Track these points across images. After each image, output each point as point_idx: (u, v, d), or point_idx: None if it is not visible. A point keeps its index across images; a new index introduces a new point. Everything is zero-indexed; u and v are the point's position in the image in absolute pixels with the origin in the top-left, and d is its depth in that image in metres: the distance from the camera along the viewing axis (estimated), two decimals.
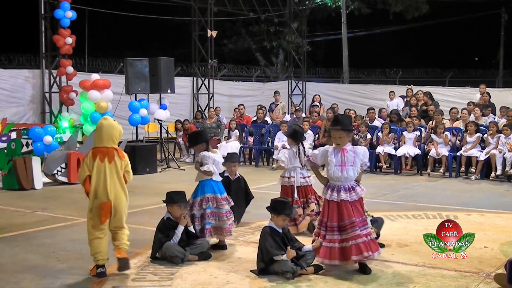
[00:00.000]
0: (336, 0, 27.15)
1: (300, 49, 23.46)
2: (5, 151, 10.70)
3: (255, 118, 15.56)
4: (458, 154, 11.91)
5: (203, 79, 19.62)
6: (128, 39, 28.17)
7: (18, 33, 24.62)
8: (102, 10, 19.71)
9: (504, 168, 11.25)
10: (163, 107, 13.93)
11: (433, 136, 12.33)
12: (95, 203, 5.36)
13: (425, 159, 12.48)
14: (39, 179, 10.73)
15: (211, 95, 19.33)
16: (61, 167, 11.01)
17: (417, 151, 12.34)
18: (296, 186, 7.07)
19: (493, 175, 11.33)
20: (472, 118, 12.92)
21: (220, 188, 6.45)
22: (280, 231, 5.56)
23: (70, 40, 15.11)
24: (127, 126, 14.00)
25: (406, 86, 17.87)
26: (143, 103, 13.44)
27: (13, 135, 11.65)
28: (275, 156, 12.84)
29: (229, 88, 21.23)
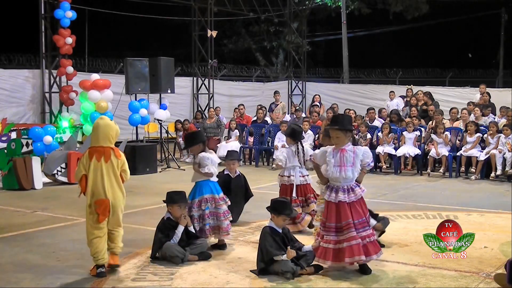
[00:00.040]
0: (336, 0, 27.15)
1: (300, 49, 23.45)
2: (5, 151, 10.70)
3: (255, 118, 15.56)
4: (458, 154, 11.91)
5: (203, 79, 19.62)
6: (128, 39, 28.15)
7: (18, 33, 24.60)
8: (102, 10, 19.71)
9: (504, 168, 11.25)
10: (163, 107, 13.93)
11: (433, 136, 12.33)
12: (93, 201, 5.39)
13: (425, 159, 12.48)
14: (39, 179, 10.73)
15: (211, 95, 19.33)
16: (61, 167, 11.01)
17: (417, 151, 12.34)
18: (296, 185, 7.10)
19: (493, 175, 11.33)
20: (472, 118, 12.92)
21: (217, 188, 6.48)
22: (280, 231, 5.57)
23: (70, 40, 15.11)
24: (127, 126, 14.03)
25: (406, 86, 17.87)
26: (143, 103, 13.43)
27: (13, 135, 11.65)
28: (275, 156, 12.85)
29: (229, 88, 21.23)
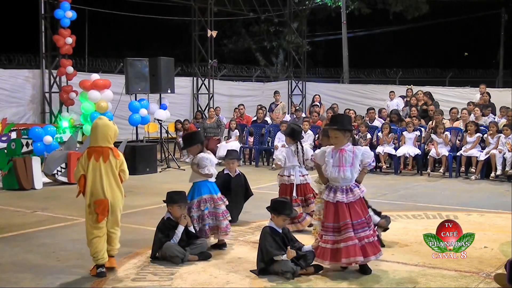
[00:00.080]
0: (336, 0, 27.15)
1: (300, 49, 23.45)
2: (5, 151, 10.70)
3: (255, 118, 15.56)
4: (458, 154, 11.91)
5: (203, 79, 19.62)
6: (128, 39, 28.16)
7: (18, 33, 24.61)
8: (102, 10, 19.71)
9: (504, 168, 11.25)
10: (163, 107, 13.93)
11: (433, 136, 12.33)
12: (92, 201, 5.39)
13: (425, 159, 12.48)
14: (39, 179, 10.73)
15: (211, 95, 19.33)
16: (61, 167, 11.01)
17: (417, 151, 12.34)
18: (296, 184, 7.11)
19: (493, 175, 11.33)
20: (472, 118, 12.92)
21: (215, 189, 6.50)
22: (280, 231, 5.57)
23: (70, 40, 15.11)
24: (127, 126, 14.04)
25: (406, 86, 17.87)
26: (143, 103, 13.43)
27: (13, 135, 11.65)
28: (274, 156, 12.85)
29: (229, 88, 21.23)
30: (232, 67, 24.30)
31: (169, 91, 13.68)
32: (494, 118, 13.26)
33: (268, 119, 15.96)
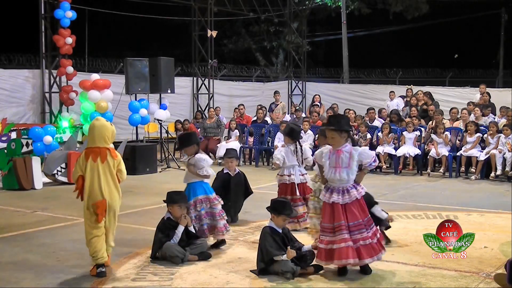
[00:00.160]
0: (336, 0, 27.15)
1: (300, 49, 23.45)
2: (5, 151, 10.70)
3: (255, 118, 15.56)
4: (458, 154, 11.91)
5: (203, 79, 19.62)
6: (128, 39, 28.14)
7: (18, 33, 24.59)
8: (102, 10, 19.71)
9: (504, 168, 11.25)
10: (163, 107, 13.93)
11: (433, 136, 12.33)
12: (90, 202, 5.41)
13: (425, 159, 12.48)
14: (39, 179, 10.73)
15: (211, 95, 19.33)
16: (61, 167, 11.01)
17: (417, 151, 12.34)
18: (297, 184, 7.12)
19: (493, 175, 11.33)
20: (472, 118, 12.92)
21: (209, 189, 6.55)
22: (280, 231, 5.57)
23: (70, 40, 15.10)
24: (127, 126, 14.04)
25: (406, 86, 17.87)
26: (143, 103, 13.43)
27: (13, 135, 11.65)
28: (273, 155, 12.85)
29: (229, 88, 21.23)
30: (232, 67, 24.30)
31: (169, 91, 13.68)
32: (494, 118, 13.26)
33: (268, 119, 15.96)
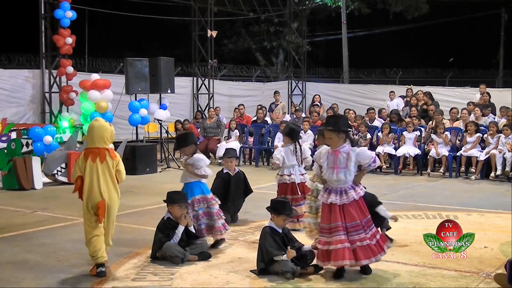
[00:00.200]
0: (336, 0, 27.15)
1: (300, 49, 23.44)
2: (5, 151, 10.70)
3: (255, 118, 15.56)
4: (458, 154, 11.91)
5: (203, 79, 19.61)
6: (128, 39, 28.14)
7: (18, 33, 24.59)
8: (102, 10, 19.71)
9: (504, 168, 11.25)
10: (163, 107, 13.93)
11: (433, 136, 12.33)
12: (90, 202, 5.43)
13: (425, 159, 12.48)
14: (39, 179, 10.73)
15: (211, 95, 19.32)
16: (61, 167, 11.01)
17: (417, 151, 12.33)
18: (297, 183, 7.14)
19: (493, 175, 11.33)
20: (472, 118, 12.92)
21: (206, 189, 6.56)
22: (280, 231, 5.57)
23: (70, 40, 15.09)
24: (127, 126, 14.04)
25: (406, 86, 17.87)
26: (143, 103, 13.44)
27: (13, 135, 11.64)
28: (273, 155, 12.85)
29: (229, 88, 21.23)
30: (232, 67, 24.29)
31: (169, 91, 13.68)
32: (494, 118, 13.26)
33: (268, 119, 15.96)
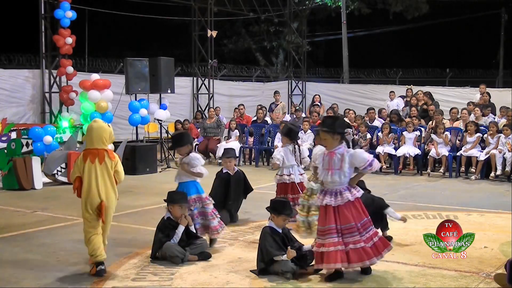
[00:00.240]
0: (336, 0, 27.15)
1: (300, 49, 23.43)
2: (5, 151, 10.70)
3: (255, 118, 15.56)
4: (458, 154, 11.91)
5: (203, 79, 19.60)
6: (128, 39, 28.13)
7: (18, 33, 24.58)
8: (102, 10, 19.69)
9: (504, 168, 11.26)
10: (163, 107, 13.93)
11: (433, 136, 12.33)
12: (88, 202, 5.45)
13: (425, 159, 12.48)
14: (39, 179, 10.73)
15: (211, 95, 19.32)
16: (61, 167, 11.01)
17: (417, 151, 12.34)
18: (297, 183, 7.15)
19: (493, 175, 11.33)
20: (472, 118, 12.92)
21: (201, 188, 6.56)
22: (280, 231, 5.57)
23: (70, 40, 15.08)
24: (127, 126, 14.03)
25: (406, 86, 17.87)
26: (143, 103, 13.44)
27: (13, 135, 11.63)
28: (273, 156, 12.85)
29: (229, 88, 21.21)
30: (232, 67, 24.28)
31: (169, 91, 13.68)
32: (494, 118, 13.27)
33: (268, 119, 15.96)
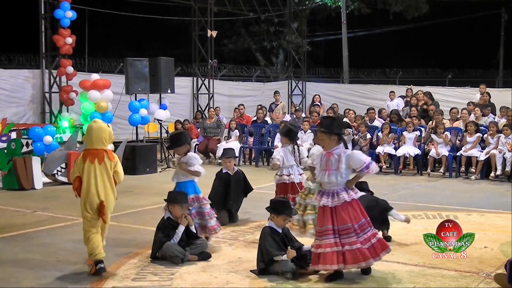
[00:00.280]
0: (336, 0, 27.15)
1: (300, 49, 23.43)
2: (5, 151, 10.70)
3: (255, 118, 15.56)
4: (458, 154, 11.92)
5: (203, 79, 19.60)
6: (128, 39, 28.14)
7: (18, 33, 24.58)
8: (102, 10, 19.69)
9: (504, 168, 11.26)
10: (163, 107, 13.93)
11: (433, 136, 12.34)
12: (87, 202, 5.46)
13: (425, 159, 12.48)
14: (39, 179, 10.73)
15: (211, 95, 19.32)
16: (61, 167, 11.01)
17: (417, 151, 12.34)
18: (297, 183, 7.15)
19: (493, 175, 11.33)
20: (472, 118, 12.93)
21: (198, 188, 6.57)
22: (280, 231, 5.57)
23: (70, 40, 15.08)
24: (127, 126, 14.03)
25: (406, 86, 17.87)
26: (143, 103, 13.44)
27: (13, 135, 11.63)
28: (273, 156, 12.84)
29: (229, 88, 21.21)
30: (232, 67, 24.27)
31: (169, 91, 13.68)
32: (494, 118, 13.27)
33: (268, 119, 15.96)
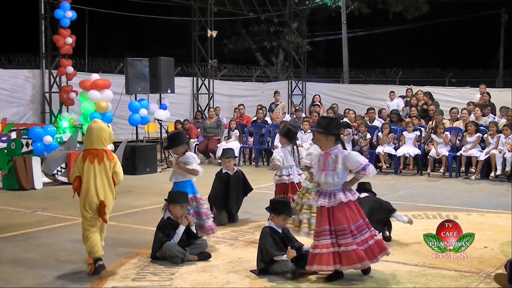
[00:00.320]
0: (336, 0, 27.15)
1: (300, 49, 23.43)
2: (5, 151, 10.70)
3: (255, 118, 15.56)
4: (458, 154, 11.91)
5: (203, 79, 19.61)
6: (128, 39, 28.14)
7: (18, 33, 24.58)
8: (102, 10, 19.69)
9: (504, 168, 11.26)
10: (163, 107, 13.93)
11: (433, 136, 12.33)
12: (87, 202, 5.48)
13: (425, 159, 12.48)
14: (39, 179, 10.74)
15: (211, 95, 19.32)
16: (61, 167, 11.01)
17: (417, 151, 12.33)
18: (296, 183, 7.16)
19: (493, 175, 11.33)
20: (472, 118, 12.92)
21: (195, 188, 6.58)
22: (280, 231, 5.57)
23: (70, 40, 15.08)
24: (127, 126, 14.03)
25: (406, 86, 17.87)
26: (143, 103, 13.44)
27: (13, 135, 11.63)
28: (272, 157, 12.84)
29: (229, 88, 21.22)
30: (232, 67, 24.27)
31: (169, 91, 13.69)
32: (494, 118, 13.27)
33: (268, 119, 15.96)
